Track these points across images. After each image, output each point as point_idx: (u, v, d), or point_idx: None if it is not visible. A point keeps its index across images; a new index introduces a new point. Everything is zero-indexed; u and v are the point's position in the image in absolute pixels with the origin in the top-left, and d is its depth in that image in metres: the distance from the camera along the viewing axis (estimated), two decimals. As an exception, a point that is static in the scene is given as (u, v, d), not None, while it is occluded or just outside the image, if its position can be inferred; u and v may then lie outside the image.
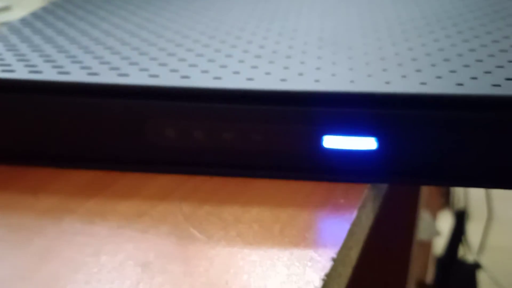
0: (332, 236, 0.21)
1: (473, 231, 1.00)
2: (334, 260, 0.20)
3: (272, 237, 0.21)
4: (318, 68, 0.24)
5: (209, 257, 0.20)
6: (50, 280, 0.19)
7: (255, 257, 0.20)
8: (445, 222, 1.02)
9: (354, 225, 0.22)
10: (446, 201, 1.04)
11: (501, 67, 0.24)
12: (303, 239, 0.21)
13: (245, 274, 0.19)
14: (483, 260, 0.97)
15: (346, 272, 0.22)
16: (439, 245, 1.02)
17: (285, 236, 0.21)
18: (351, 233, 0.22)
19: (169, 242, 0.21)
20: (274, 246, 0.20)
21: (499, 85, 0.22)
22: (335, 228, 0.21)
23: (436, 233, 0.89)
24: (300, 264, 0.19)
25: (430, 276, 0.96)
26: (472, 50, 0.26)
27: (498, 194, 1.07)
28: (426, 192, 0.74)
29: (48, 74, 0.25)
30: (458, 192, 1.01)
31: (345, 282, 0.22)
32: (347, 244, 0.21)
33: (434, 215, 0.96)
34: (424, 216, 0.78)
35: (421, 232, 0.72)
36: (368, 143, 0.23)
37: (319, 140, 0.23)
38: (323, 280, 0.19)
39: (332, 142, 0.23)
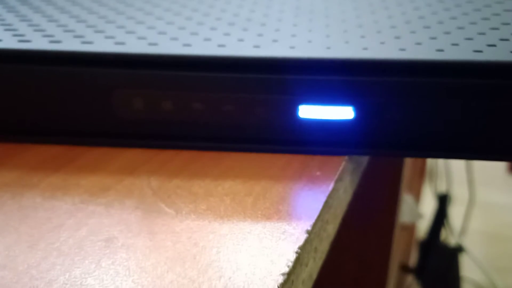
0: (307, 208, 0.20)
1: (455, 214, 1.00)
2: (308, 232, 0.19)
3: (244, 210, 0.20)
4: (293, 35, 0.23)
5: (177, 231, 0.19)
6: (4, 256, 0.17)
7: (226, 231, 0.19)
8: (427, 206, 1.03)
9: (331, 197, 0.21)
10: (429, 185, 1.04)
11: (483, 34, 0.23)
12: (276, 212, 0.20)
13: (214, 248, 0.18)
14: (465, 243, 0.98)
15: (323, 247, 0.21)
16: (422, 228, 1.02)
17: (258, 209, 0.20)
18: (327, 206, 0.21)
19: (135, 217, 0.20)
20: (246, 219, 0.19)
21: (480, 51, 0.21)
22: (310, 200, 0.20)
23: (419, 216, 0.89)
24: (273, 237, 0.18)
25: (413, 259, 0.96)
26: (453, 18, 0.25)
27: (480, 178, 1.08)
28: (408, 175, 0.73)
29: (8, 42, 0.23)
30: (441, 176, 1.01)
31: (322, 258, 0.21)
32: (323, 217, 0.20)
33: (417, 199, 0.96)
34: (407, 199, 0.78)
35: (404, 215, 0.72)
36: (345, 113, 0.22)
37: (295, 110, 0.22)
38: (297, 253, 0.18)
39: (308, 112, 0.22)
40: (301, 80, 0.21)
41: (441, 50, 0.21)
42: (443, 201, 0.96)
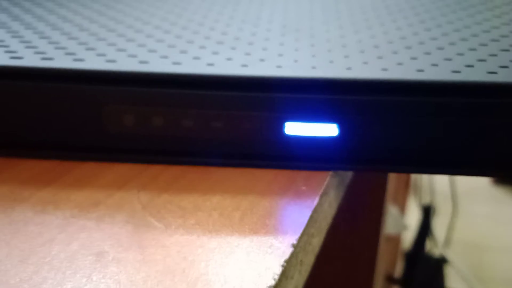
0: (293, 223, 0.21)
1: (439, 225, 1.02)
2: (294, 246, 0.19)
3: (232, 225, 0.20)
4: (280, 55, 0.24)
5: (167, 245, 0.19)
6: (-4, 271, 0.18)
7: (214, 245, 0.19)
8: (412, 217, 1.04)
9: (316, 212, 0.22)
10: (413, 197, 1.06)
11: (461, 54, 0.24)
12: (263, 226, 0.20)
13: (203, 261, 0.18)
14: (449, 254, 0.99)
15: (308, 260, 0.22)
16: (407, 239, 1.03)
17: (245, 224, 0.21)
18: (312, 220, 0.21)
19: (125, 231, 0.20)
20: (234, 233, 0.20)
21: (459, 71, 0.22)
22: (296, 215, 0.21)
23: (404, 227, 0.91)
24: (259, 251, 0.19)
25: (398, 270, 0.97)
26: (433, 38, 0.26)
27: (463, 189, 1.09)
28: (393, 186, 0.75)
29: (0, 58, 0.23)
30: (425, 187, 1.02)
31: (308, 270, 0.22)
32: (309, 231, 0.21)
33: (402, 210, 0.97)
34: (392, 211, 0.79)
35: (389, 227, 0.73)
36: (330, 130, 0.22)
37: (281, 127, 0.23)
38: (283, 266, 0.18)
39: (294, 129, 0.23)
40: (287, 98, 0.22)
41: (421, 70, 0.22)
42: (427, 212, 0.98)
